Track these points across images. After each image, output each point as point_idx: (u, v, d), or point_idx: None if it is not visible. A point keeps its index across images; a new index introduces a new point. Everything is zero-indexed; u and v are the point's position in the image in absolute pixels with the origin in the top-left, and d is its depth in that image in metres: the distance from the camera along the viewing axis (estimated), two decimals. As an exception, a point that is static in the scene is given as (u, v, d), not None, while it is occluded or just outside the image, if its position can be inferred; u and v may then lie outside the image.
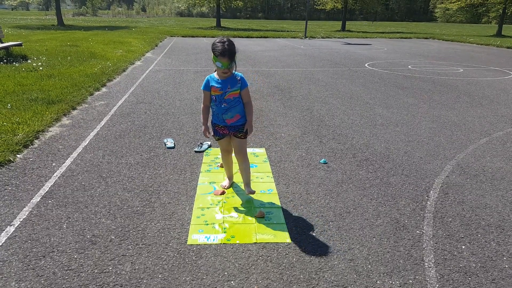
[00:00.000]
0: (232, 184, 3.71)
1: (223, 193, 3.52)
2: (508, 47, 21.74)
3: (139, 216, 3.08)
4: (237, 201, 3.39)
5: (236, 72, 3.10)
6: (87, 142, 4.76)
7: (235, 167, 3.69)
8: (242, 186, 3.55)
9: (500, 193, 3.65)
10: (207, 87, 3.11)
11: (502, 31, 35.17)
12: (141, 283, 2.33)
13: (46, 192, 3.44)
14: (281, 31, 34.20)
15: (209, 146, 4.67)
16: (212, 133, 3.33)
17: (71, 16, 71.49)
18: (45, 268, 2.44)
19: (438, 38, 29.44)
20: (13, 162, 4.06)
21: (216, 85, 3.07)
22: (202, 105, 3.26)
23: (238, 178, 3.75)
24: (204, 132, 3.26)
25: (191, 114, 6.16)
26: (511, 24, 71.04)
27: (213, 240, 2.80)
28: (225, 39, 2.93)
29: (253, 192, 3.39)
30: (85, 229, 2.88)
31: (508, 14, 36.65)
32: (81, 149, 4.52)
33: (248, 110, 3.21)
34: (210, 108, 3.24)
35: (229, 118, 3.15)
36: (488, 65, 13.45)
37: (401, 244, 2.79)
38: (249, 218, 3.11)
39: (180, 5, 48.72)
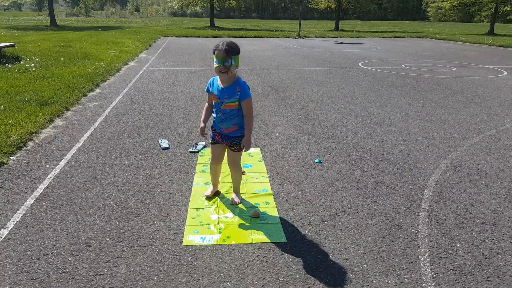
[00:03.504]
0: (215, 193, 3.47)
1: (217, 193, 3.49)
2: (500, 46, 21.93)
3: (134, 217, 3.07)
4: (233, 202, 3.38)
5: (240, 80, 2.90)
6: (81, 143, 4.73)
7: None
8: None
9: (494, 191, 3.68)
10: (208, 90, 3.02)
11: (494, 29, 35.50)
12: (136, 285, 2.32)
13: (40, 194, 3.41)
14: (275, 30, 34.23)
15: (204, 147, 4.65)
16: (209, 134, 3.18)
17: (64, 16, 70.98)
18: (39, 271, 2.42)
19: (431, 37, 29.61)
20: (6, 164, 4.03)
21: (215, 92, 2.92)
22: (206, 104, 3.15)
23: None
24: (200, 131, 3.13)
25: (186, 115, 6.14)
26: (502, 23, 71.62)
27: (209, 241, 2.79)
28: (226, 39, 2.83)
29: (237, 203, 3.30)
30: (79, 231, 2.86)
31: (500, 13, 36.97)
32: (75, 150, 4.49)
33: (246, 124, 2.95)
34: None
35: (225, 128, 3.01)
36: (481, 64, 13.54)
37: (397, 243, 2.80)
38: (245, 218, 3.11)
39: (173, 5, 48.55)
